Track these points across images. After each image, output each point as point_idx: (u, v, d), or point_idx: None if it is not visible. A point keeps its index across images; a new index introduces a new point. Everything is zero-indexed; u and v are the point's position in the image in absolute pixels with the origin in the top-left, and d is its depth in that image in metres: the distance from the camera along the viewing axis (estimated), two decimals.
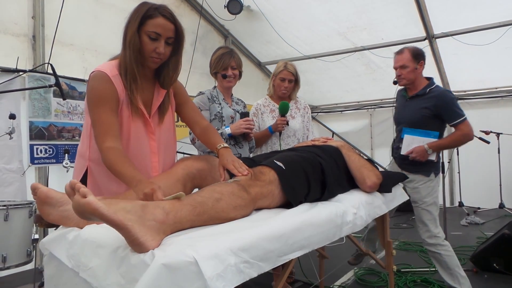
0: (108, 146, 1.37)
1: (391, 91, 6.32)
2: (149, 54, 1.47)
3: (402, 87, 2.63)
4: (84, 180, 1.53)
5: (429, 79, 2.60)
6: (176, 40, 1.53)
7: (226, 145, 1.57)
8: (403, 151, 2.48)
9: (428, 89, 2.51)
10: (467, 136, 2.46)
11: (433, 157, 2.44)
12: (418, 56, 2.54)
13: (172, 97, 1.69)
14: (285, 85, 2.76)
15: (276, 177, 1.47)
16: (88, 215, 0.92)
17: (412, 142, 2.46)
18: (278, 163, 1.54)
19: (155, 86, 1.61)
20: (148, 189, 1.17)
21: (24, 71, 3.40)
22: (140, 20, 1.44)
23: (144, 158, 1.55)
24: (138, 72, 1.49)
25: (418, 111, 2.48)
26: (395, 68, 2.57)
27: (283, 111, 2.62)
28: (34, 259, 2.42)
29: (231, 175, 1.47)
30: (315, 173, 1.62)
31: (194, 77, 5.07)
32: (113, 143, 1.39)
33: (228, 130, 2.35)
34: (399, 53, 2.58)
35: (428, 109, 2.44)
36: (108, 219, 0.91)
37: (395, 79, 2.59)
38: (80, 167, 1.57)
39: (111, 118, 1.42)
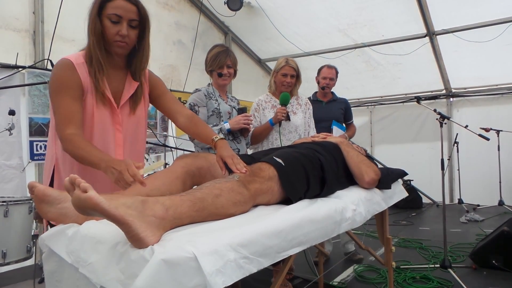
0: (69, 132, 1.34)
1: (391, 88, 6.38)
2: (112, 38, 1.43)
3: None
4: (52, 180, 1.50)
5: (332, 92, 3.57)
6: (141, 23, 1.48)
7: (221, 136, 1.55)
8: None
9: (337, 97, 3.55)
10: (355, 132, 3.61)
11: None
12: (337, 74, 3.51)
13: (146, 91, 1.63)
14: (287, 80, 2.77)
15: (275, 173, 1.47)
16: (88, 210, 0.91)
17: (337, 133, 3.30)
18: (278, 159, 1.54)
19: (127, 76, 1.56)
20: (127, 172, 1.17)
21: (23, 67, 3.39)
22: (99, 4, 1.40)
23: (108, 149, 1.49)
24: (102, 58, 1.44)
25: (337, 111, 3.45)
26: (325, 78, 3.41)
27: (284, 101, 2.63)
28: (34, 255, 2.42)
29: (230, 172, 1.47)
30: (315, 170, 1.62)
31: (194, 74, 5.07)
32: (74, 130, 1.35)
33: (227, 126, 2.35)
34: (330, 67, 3.45)
35: (342, 109, 3.48)
36: (109, 214, 0.91)
37: (323, 86, 3.41)
38: (50, 163, 1.53)
39: (73, 106, 1.38)
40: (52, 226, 1.32)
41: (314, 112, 3.27)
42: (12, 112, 2.80)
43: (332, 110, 3.43)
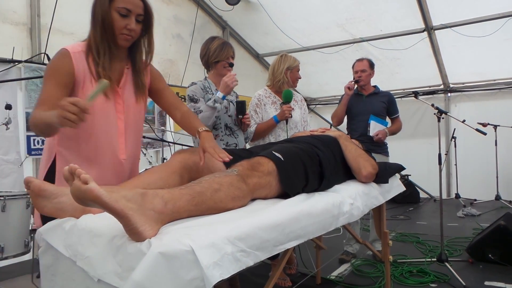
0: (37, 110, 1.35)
1: (390, 83, 6.40)
2: (119, 31, 1.46)
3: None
4: (51, 171, 1.49)
5: (374, 85, 3.43)
6: (146, 18, 1.52)
7: (207, 128, 1.57)
8: (371, 133, 3.19)
9: (379, 90, 3.40)
10: (400, 127, 3.45)
11: (386, 140, 3.30)
12: (372, 65, 3.39)
13: (147, 81, 1.66)
14: (299, 77, 2.86)
15: (274, 168, 1.47)
16: (88, 202, 0.92)
17: (375, 127, 3.21)
18: (277, 154, 1.54)
19: (127, 68, 1.58)
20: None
21: (19, 62, 3.37)
22: None
23: (111, 137, 1.52)
24: (109, 48, 1.47)
25: (379, 104, 3.30)
26: (356, 72, 3.32)
27: (288, 98, 2.64)
28: (31, 249, 2.42)
29: (228, 167, 1.47)
30: (313, 165, 1.62)
31: (193, 68, 5.05)
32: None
33: (220, 94, 2.28)
34: (360, 60, 3.37)
35: (384, 103, 3.32)
36: (110, 207, 0.91)
37: (356, 79, 3.30)
38: (48, 155, 1.52)
39: (54, 90, 1.40)
40: (45, 218, 1.32)
41: (353, 105, 3.32)
42: (8, 107, 2.78)
43: (372, 103, 3.30)
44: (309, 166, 1.58)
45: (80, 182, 0.90)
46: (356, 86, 3.32)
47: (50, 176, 1.48)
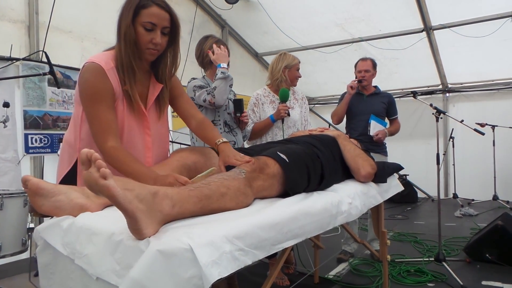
0: (111, 146, 1.36)
1: (388, 83, 6.42)
2: (145, 45, 1.43)
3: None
4: (74, 170, 1.50)
5: (375, 86, 3.46)
6: (172, 30, 1.50)
7: (225, 139, 1.55)
8: (371, 133, 3.20)
9: (380, 90, 3.43)
10: (399, 128, 3.47)
11: (385, 140, 3.32)
12: (375, 66, 3.43)
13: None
14: (299, 75, 2.85)
15: (279, 171, 1.46)
16: (101, 194, 0.92)
17: (375, 127, 3.23)
18: (282, 155, 1.52)
19: (151, 79, 1.57)
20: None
21: (18, 59, 3.35)
22: (133, 10, 1.40)
23: (138, 153, 1.52)
24: (135, 65, 1.45)
25: (379, 104, 3.33)
26: (360, 71, 3.33)
27: (284, 97, 2.63)
28: (29, 248, 2.42)
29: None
30: (315, 167, 1.62)
31: (191, 67, 5.03)
32: (115, 143, 1.38)
33: (223, 64, 2.27)
34: (364, 60, 3.39)
35: (384, 104, 3.35)
36: (122, 207, 0.92)
37: (360, 79, 3.32)
38: (68, 157, 1.53)
39: (109, 115, 1.40)
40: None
41: (354, 105, 3.32)
42: (6, 104, 2.77)
43: (372, 103, 3.31)
44: (311, 168, 1.58)
45: (98, 175, 0.90)
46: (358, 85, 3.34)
47: (71, 176, 1.49)
